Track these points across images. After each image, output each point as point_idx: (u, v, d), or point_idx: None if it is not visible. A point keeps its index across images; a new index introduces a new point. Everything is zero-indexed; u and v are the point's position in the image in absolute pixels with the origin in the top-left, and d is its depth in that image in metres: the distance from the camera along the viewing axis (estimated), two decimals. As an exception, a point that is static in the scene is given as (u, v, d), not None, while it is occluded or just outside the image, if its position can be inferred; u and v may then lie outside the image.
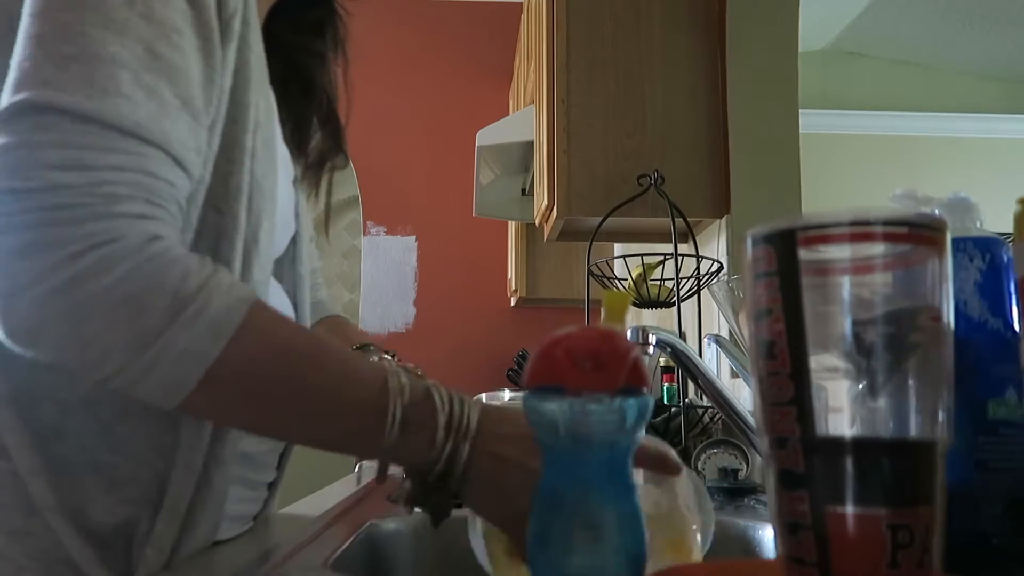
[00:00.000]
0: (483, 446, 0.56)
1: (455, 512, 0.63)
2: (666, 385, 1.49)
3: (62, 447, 0.57)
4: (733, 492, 1.08)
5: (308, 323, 0.81)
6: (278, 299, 0.74)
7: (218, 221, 0.60)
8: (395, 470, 0.64)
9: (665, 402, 1.45)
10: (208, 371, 0.50)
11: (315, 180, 0.85)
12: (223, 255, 0.60)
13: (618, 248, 2.24)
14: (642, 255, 1.57)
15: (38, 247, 0.47)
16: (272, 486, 0.77)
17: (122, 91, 0.51)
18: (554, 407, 0.42)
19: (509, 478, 0.55)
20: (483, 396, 1.62)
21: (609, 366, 0.42)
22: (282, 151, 0.74)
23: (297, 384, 0.54)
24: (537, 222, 1.97)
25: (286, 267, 0.77)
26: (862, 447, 0.36)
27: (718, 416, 1.37)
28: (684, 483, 0.60)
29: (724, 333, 1.49)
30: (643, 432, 0.44)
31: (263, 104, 0.65)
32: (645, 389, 0.43)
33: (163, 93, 0.53)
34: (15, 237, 0.47)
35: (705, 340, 1.51)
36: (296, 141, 0.82)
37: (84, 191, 0.48)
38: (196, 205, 0.59)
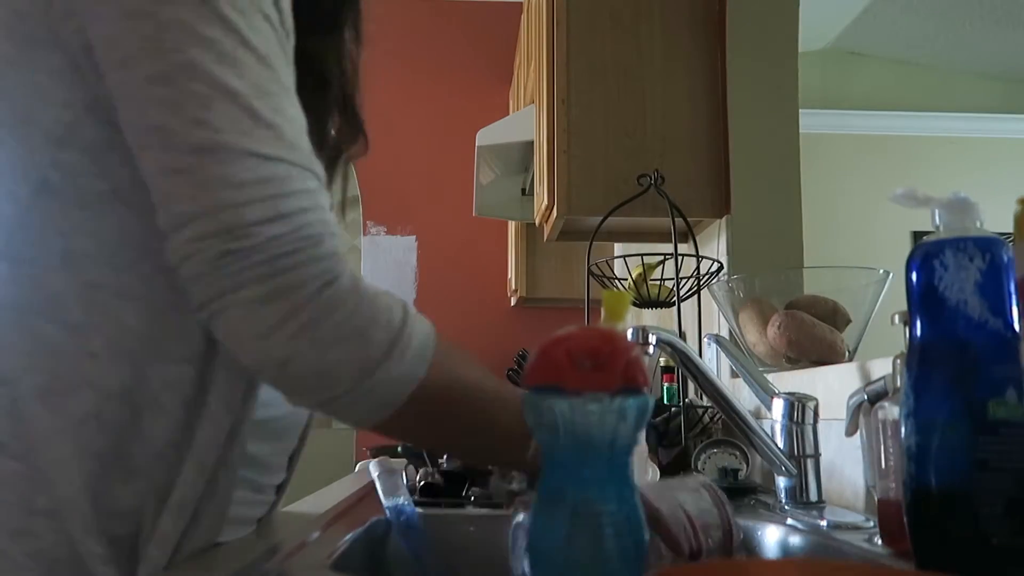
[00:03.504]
0: None
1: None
2: (666, 385, 1.49)
3: (95, 436, 0.58)
4: (733, 492, 1.08)
5: None
6: None
7: None
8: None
9: (665, 402, 1.45)
10: (411, 394, 0.58)
11: (334, 173, 0.85)
12: None
13: (618, 248, 2.24)
14: (642, 255, 1.57)
15: (278, 293, 0.53)
16: (280, 489, 0.77)
17: (266, 121, 0.54)
18: (554, 407, 0.42)
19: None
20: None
21: (609, 366, 0.42)
22: None
23: (477, 401, 0.64)
24: (537, 222, 1.97)
25: None
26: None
27: (718, 416, 1.37)
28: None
29: (724, 333, 1.49)
30: (643, 432, 0.44)
31: None
32: (645, 389, 0.44)
33: (289, 112, 0.57)
34: (253, 289, 0.52)
35: (705, 340, 1.51)
36: (317, 138, 0.82)
37: (292, 238, 0.53)
38: None
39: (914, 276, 0.55)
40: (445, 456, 1.17)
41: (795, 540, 0.82)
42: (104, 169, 0.59)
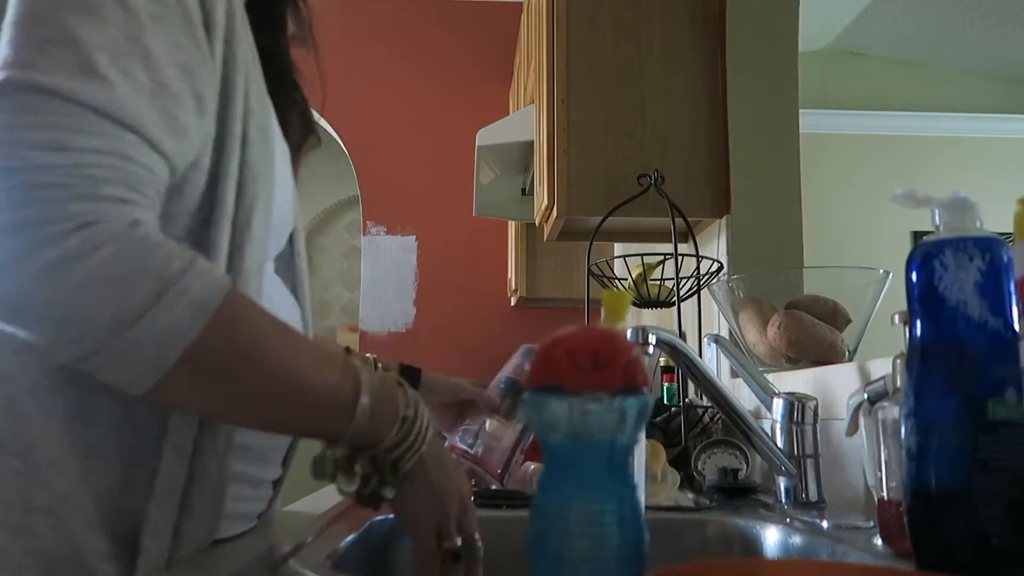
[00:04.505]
0: (433, 449, 0.63)
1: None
2: (666, 385, 1.49)
3: (87, 431, 0.58)
4: (733, 492, 1.08)
5: (310, 319, 0.81)
6: (281, 296, 0.74)
7: (210, 204, 0.62)
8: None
9: (665, 402, 1.45)
10: (185, 352, 0.51)
11: (297, 166, 0.86)
12: (211, 237, 0.61)
13: (618, 248, 2.24)
14: (642, 255, 1.57)
15: (25, 225, 0.48)
16: (277, 484, 0.77)
17: (98, 72, 0.52)
18: (554, 407, 0.42)
19: (445, 489, 0.63)
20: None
21: (609, 366, 0.42)
22: (282, 147, 0.74)
23: (270, 366, 0.56)
24: (537, 222, 1.97)
25: (286, 264, 0.78)
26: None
27: (718, 416, 1.37)
28: None
29: (724, 333, 1.49)
30: (643, 432, 0.44)
31: (255, 91, 0.66)
32: (645, 389, 0.44)
33: (138, 76, 0.54)
34: (1, 215, 0.48)
35: (705, 340, 1.51)
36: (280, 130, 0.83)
37: (66, 171, 0.49)
38: (198, 187, 0.61)
39: (914, 276, 0.55)
40: None
41: (795, 540, 0.82)
42: None
